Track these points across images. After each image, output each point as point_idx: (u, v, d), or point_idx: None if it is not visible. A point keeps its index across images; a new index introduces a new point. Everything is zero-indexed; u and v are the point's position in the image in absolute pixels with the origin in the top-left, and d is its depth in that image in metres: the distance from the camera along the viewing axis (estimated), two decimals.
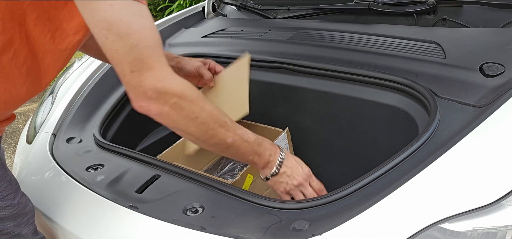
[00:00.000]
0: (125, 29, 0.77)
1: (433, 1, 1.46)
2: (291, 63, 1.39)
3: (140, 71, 0.80)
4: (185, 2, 5.54)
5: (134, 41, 0.78)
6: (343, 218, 0.80)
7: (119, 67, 0.80)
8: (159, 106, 0.82)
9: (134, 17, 0.79)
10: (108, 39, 0.78)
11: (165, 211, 0.93)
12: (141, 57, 0.79)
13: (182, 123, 0.87)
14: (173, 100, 0.83)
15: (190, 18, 2.00)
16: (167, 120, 0.86)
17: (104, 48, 0.79)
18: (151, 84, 0.81)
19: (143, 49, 0.79)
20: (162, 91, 0.82)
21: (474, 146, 0.86)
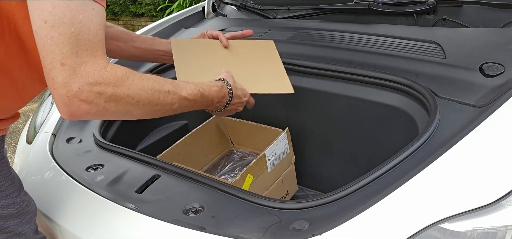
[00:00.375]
0: (70, 16, 0.73)
1: (433, 1, 1.46)
2: (291, 63, 1.39)
3: (72, 66, 0.73)
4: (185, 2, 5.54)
5: (76, 31, 0.73)
6: (343, 218, 0.80)
7: (48, 57, 0.73)
8: (90, 106, 0.77)
9: (84, 7, 0.74)
10: (47, 23, 0.72)
11: (165, 211, 0.93)
12: (77, 50, 0.74)
13: (124, 111, 0.82)
14: (109, 93, 0.78)
15: (190, 18, 2.00)
16: (105, 115, 0.81)
17: (37, 32, 0.74)
18: (80, 80, 0.74)
19: (83, 41, 0.74)
20: (94, 84, 0.76)
21: (474, 146, 0.86)
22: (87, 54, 0.75)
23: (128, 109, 0.82)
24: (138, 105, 0.83)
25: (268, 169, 1.31)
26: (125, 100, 0.81)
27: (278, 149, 1.35)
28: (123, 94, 0.80)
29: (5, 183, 0.92)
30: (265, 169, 1.30)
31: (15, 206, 0.93)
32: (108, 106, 0.79)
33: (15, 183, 0.95)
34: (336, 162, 1.43)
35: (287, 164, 1.43)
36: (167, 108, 0.89)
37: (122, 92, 0.80)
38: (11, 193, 0.93)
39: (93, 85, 0.75)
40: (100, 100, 0.77)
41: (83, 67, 0.74)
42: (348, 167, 1.41)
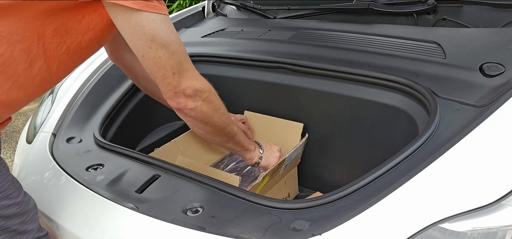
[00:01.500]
0: (166, 39, 0.93)
1: (433, 1, 1.46)
2: (291, 63, 1.39)
3: (180, 73, 0.97)
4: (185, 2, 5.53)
5: (174, 48, 0.95)
6: (343, 218, 0.80)
7: (161, 71, 0.96)
8: (194, 101, 1.02)
9: (170, 29, 0.95)
10: (152, 48, 0.93)
11: (165, 211, 0.93)
12: (179, 61, 0.97)
13: (210, 114, 1.07)
14: (205, 95, 1.04)
15: (190, 18, 2.00)
16: (199, 112, 1.04)
17: (145, 56, 0.94)
18: (188, 83, 0.99)
19: (180, 55, 0.97)
20: (197, 89, 1.01)
21: (474, 146, 0.86)
22: (186, 63, 1.00)
23: (212, 114, 1.07)
24: (218, 112, 1.09)
25: (280, 171, 1.31)
26: (213, 105, 1.07)
27: (294, 154, 1.35)
28: (212, 99, 1.07)
29: (5, 183, 0.93)
30: (278, 172, 1.30)
31: (16, 206, 0.94)
32: (203, 106, 1.04)
33: (14, 183, 0.96)
34: (336, 162, 1.43)
35: (293, 166, 1.43)
36: (231, 128, 1.16)
37: (212, 98, 1.07)
38: (12, 193, 0.94)
39: (196, 88, 1.01)
40: (198, 99, 1.03)
41: (187, 73, 1.00)
42: (348, 167, 1.41)
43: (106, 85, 1.52)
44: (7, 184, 0.94)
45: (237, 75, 1.52)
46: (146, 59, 0.95)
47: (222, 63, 1.55)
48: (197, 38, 1.75)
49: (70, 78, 1.62)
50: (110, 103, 1.45)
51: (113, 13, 0.92)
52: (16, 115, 3.80)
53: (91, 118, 1.40)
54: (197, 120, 1.07)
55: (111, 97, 1.48)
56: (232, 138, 1.18)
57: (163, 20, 0.93)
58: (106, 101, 1.47)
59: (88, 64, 1.64)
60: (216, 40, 1.68)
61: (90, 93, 1.48)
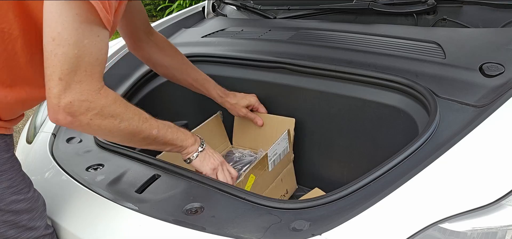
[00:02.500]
0: (76, 39, 0.80)
1: (433, 1, 1.46)
2: (291, 63, 1.39)
3: (68, 82, 0.82)
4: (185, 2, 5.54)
5: (78, 53, 0.81)
6: (343, 218, 0.80)
7: (49, 70, 0.82)
8: (74, 119, 0.85)
9: (90, 33, 0.82)
10: (54, 40, 0.80)
11: (165, 211, 0.93)
12: (75, 69, 0.82)
13: (108, 129, 0.91)
14: (95, 112, 0.87)
15: (190, 18, 2.00)
16: (87, 129, 0.89)
17: (45, 46, 0.81)
18: (72, 96, 0.83)
19: (83, 63, 0.82)
20: (82, 104, 0.84)
21: (474, 146, 0.86)
22: (85, 75, 0.84)
23: (111, 128, 0.91)
24: (120, 126, 0.92)
25: (269, 168, 1.31)
26: (109, 119, 0.90)
27: (279, 148, 1.35)
28: (108, 114, 0.89)
29: (18, 178, 0.94)
30: (266, 169, 1.30)
31: (26, 201, 0.95)
32: (92, 124, 0.88)
33: (25, 179, 0.97)
34: (336, 162, 1.43)
35: (287, 162, 1.43)
36: (147, 133, 0.99)
37: (107, 112, 0.89)
38: (23, 188, 0.95)
39: (82, 103, 0.84)
40: (85, 117, 0.86)
41: (78, 85, 0.83)
42: (348, 167, 1.41)
43: (106, 85, 1.52)
44: (19, 179, 0.95)
45: (237, 75, 1.52)
46: (44, 49, 0.82)
47: (222, 63, 1.55)
48: (197, 38, 1.75)
49: None
50: None
51: None
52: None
53: None
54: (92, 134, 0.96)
55: None
56: (153, 141, 1.02)
57: (86, 22, 0.81)
58: None
59: None
60: (216, 40, 1.68)
61: None
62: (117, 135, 0.94)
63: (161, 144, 1.05)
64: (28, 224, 0.95)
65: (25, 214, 0.95)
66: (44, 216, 1.00)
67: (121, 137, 0.96)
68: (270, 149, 1.29)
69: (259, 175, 1.28)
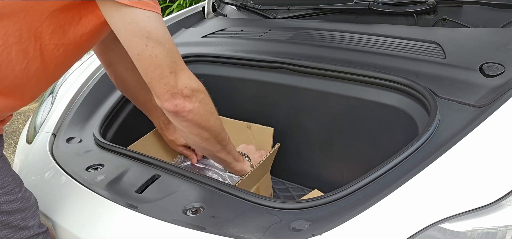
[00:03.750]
0: (162, 36, 0.91)
1: (433, 1, 1.46)
2: (291, 63, 1.39)
3: (176, 72, 0.94)
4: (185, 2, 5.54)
5: (169, 46, 0.92)
6: (343, 218, 0.80)
7: (158, 70, 0.92)
8: (191, 103, 0.98)
9: (164, 27, 0.93)
10: (148, 46, 0.90)
11: (165, 211, 0.93)
12: (175, 60, 0.94)
13: (206, 117, 1.03)
14: (202, 96, 1.00)
15: (190, 18, 2.00)
16: (196, 115, 1.00)
17: (141, 55, 0.91)
18: (185, 82, 0.96)
19: (175, 53, 0.94)
20: (194, 89, 0.98)
21: (474, 146, 0.86)
22: (181, 62, 0.96)
23: (208, 117, 1.04)
24: (214, 115, 1.06)
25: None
26: (209, 107, 1.04)
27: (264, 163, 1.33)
28: (208, 101, 1.03)
29: (7, 179, 0.94)
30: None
31: (18, 202, 0.94)
32: (200, 107, 1.00)
33: (16, 179, 0.97)
34: (336, 162, 1.43)
35: (264, 171, 1.40)
36: (224, 135, 1.13)
37: (207, 100, 1.03)
38: (13, 188, 0.94)
39: (193, 88, 0.98)
40: (196, 100, 0.99)
41: (183, 73, 0.96)
42: (348, 167, 1.41)
43: (106, 85, 1.52)
44: (9, 179, 0.94)
45: (237, 75, 1.52)
46: (141, 58, 0.91)
47: (222, 63, 1.55)
48: (197, 38, 1.75)
49: (70, 78, 1.62)
50: (110, 103, 1.45)
51: (107, 11, 0.90)
52: (16, 115, 3.80)
53: (91, 118, 1.40)
54: (194, 124, 1.02)
55: (111, 97, 1.48)
56: (225, 146, 1.15)
57: (158, 18, 0.91)
58: (106, 101, 1.47)
59: (88, 65, 1.64)
60: (216, 40, 1.68)
61: (90, 93, 1.48)
62: (209, 128, 1.05)
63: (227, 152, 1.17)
64: (20, 224, 0.95)
65: (17, 214, 0.94)
66: (37, 215, 1.00)
67: (211, 131, 1.06)
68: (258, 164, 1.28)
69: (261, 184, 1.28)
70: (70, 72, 1.68)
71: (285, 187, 1.57)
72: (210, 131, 1.06)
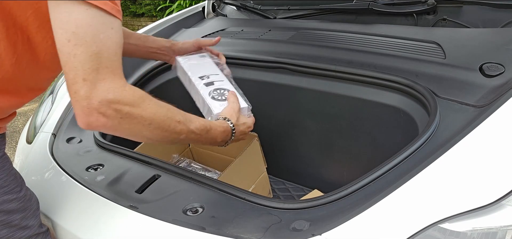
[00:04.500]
0: (92, 35, 0.77)
1: (433, 1, 1.46)
2: (291, 63, 1.39)
3: (93, 82, 0.78)
4: (185, 2, 5.54)
5: (97, 49, 0.78)
6: (343, 218, 0.80)
7: (71, 73, 0.78)
8: (107, 120, 0.81)
9: (104, 27, 0.79)
10: (70, 41, 0.77)
11: (165, 211, 0.93)
12: (97, 67, 0.78)
13: (136, 131, 0.86)
14: (125, 111, 0.82)
15: (190, 18, 2.00)
16: (118, 131, 0.85)
17: (61, 50, 0.78)
18: (100, 96, 0.79)
19: (103, 59, 0.79)
20: (112, 102, 0.80)
21: (474, 146, 0.86)
22: (107, 72, 0.79)
23: (140, 129, 0.86)
24: (149, 128, 0.87)
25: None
26: (138, 120, 0.85)
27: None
28: (137, 114, 0.84)
29: (8, 178, 0.94)
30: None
31: (18, 201, 0.94)
32: (123, 123, 0.83)
33: (17, 178, 0.97)
34: (336, 162, 1.43)
35: (259, 173, 1.40)
36: (174, 137, 0.93)
37: (137, 113, 0.84)
38: (14, 188, 0.94)
39: (112, 102, 0.80)
40: (116, 116, 0.81)
41: (103, 83, 0.79)
42: (348, 167, 1.41)
43: None
44: (10, 179, 0.94)
45: (237, 75, 1.51)
46: (61, 55, 0.79)
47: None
48: (197, 38, 1.75)
49: None
50: None
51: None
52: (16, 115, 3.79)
53: None
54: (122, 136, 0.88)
55: None
56: (182, 140, 0.98)
57: (98, 15, 0.77)
58: None
59: None
60: None
61: None
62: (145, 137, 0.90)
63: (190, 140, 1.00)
64: (20, 223, 0.95)
65: (17, 213, 0.94)
66: (37, 215, 1.00)
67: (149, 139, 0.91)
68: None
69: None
70: None
71: (285, 187, 1.57)
72: (149, 139, 0.91)
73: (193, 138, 0.98)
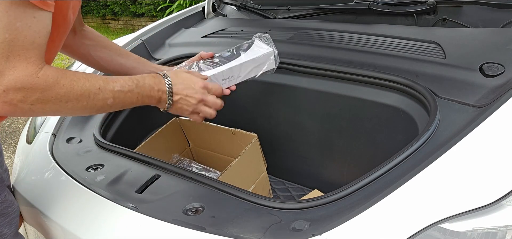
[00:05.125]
0: (6, 22, 0.75)
1: (433, 1, 1.46)
2: (291, 63, 1.39)
3: (0, 70, 0.76)
4: (185, 2, 5.54)
5: (10, 37, 0.76)
6: (343, 218, 0.80)
7: None
8: (14, 108, 0.79)
9: (24, 15, 0.77)
10: None
11: (165, 211, 0.93)
12: (8, 55, 0.76)
13: (53, 110, 0.85)
14: (34, 97, 0.80)
15: (190, 18, 2.00)
16: (32, 114, 0.84)
17: None
18: (6, 84, 0.77)
19: (16, 47, 0.77)
20: (20, 89, 0.78)
21: (474, 146, 0.86)
22: (19, 60, 0.77)
23: (57, 108, 0.85)
24: (67, 105, 0.85)
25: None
26: (53, 102, 0.83)
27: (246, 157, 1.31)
28: (50, 97, 0.83)
29: None
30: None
31: None
32: (34, 108, 0.82)
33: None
34: (336, 162, 1.43)
35: (258, 173, 1.40)
36: (100, 104, 0.91)
37: (49, 96, 0.82)
38: None
39: (19, 90, 0.78)
40: (24, 104, 0.80)
41: (12, 71, 0.77)
42: (348, 167, 1.41)
43: None
44: None
45: None
46: None
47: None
48: (197, 38, 1.75)
49: None
50: None
51: None
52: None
53: (91, 118, 1.40)
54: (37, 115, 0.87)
55: None
56: (109, 107, 0.94)
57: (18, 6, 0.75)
58: None
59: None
60: (216, 40, 1.68)
61: None
62: (66, 113, 0.89)
63: (120, 107, 0.97)
64: None
65: None
66: (14, 224, 0.97)
67: (71, 113, 0.90)
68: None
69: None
70: None
71: (285, 187, 1.57)
72: (69, 113, 0.90)
73: (124, 98, 0.94)
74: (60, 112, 0.87)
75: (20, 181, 1.19)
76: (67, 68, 1.00)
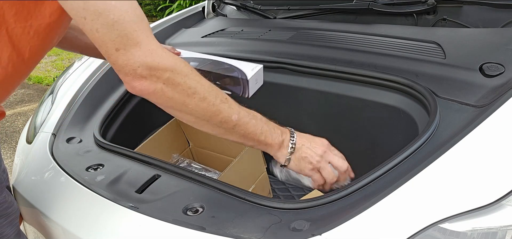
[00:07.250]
0: (103, 5, 0.73)
1: (433, 1, 1.46)
2: (291, 63, 1.39)
3: (126, 48, 0.76)
4: (185, 2, 5.54)
5: (115, 17, 0.74)
6: (343, 218, 0.80)
7: (103, 48, 0.76)
8: (152, 84, 0.78)
9: None
10: (87, 19, 0.74)
11: (165, 211, 0.93)
12: (125, 33, 0.75)
13: (180, 101, 0.82)
14: (166, 76, 0.79)
15: (190, 18, 2.00)
16: (162, 98, 0.81)
17: (85, 31, 0.76)
18: (139, 60, 0.76)
19: (126, 24, 0.75)
20: (153, 67, 0.77)
21: (474, 146, 0.86)
22: (139, 35, 0.76)
23: (184, 100, 0.82)
24: (194, 98, 0.82)
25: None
26: (182, 86, 0.81)
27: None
28: (179, 81, 0.80)
29: None
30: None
31: None
32: (165, 90, 0.80)
33: None
34: None
35: (258, 173, 1.39)
36: (225, 115, 0.85)
37: (179, 79, 0.80)
38: None
39: (149, 66, 0.77)
40: (157, 80, 0.79)
41: (137, 48, 0.76)
42: None
43: (106, 85, 1.52)
44: None
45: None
46: (87, 34, 0.77)
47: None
48: (197, 38, 1.75)
49: (70, 78, 1.62)
50: (110, 104, 1.45)
51: None
52: (16, 115, 3.80)
53: (91, 118, 1.40)
54: (168, 108, 0.84)
55: (111, 97, 1.48)
56: (232, 129, 0.88)
57: None
58: (106, 101, 1.47)
59: (88, 65, 1.65)
60: (216, 40, 1.68)
61: (90, 93, 1.48)
62: (189, 112, 0.84)
63: (241, 135, 0.89)
64: None
65: None
66: (15, 224, 0.96)
67: (194, 115, 0.84)
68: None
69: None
70: (70, 72, 1.68)
71: (285, 187, 1.57)
72: (193, 114, 0.85)
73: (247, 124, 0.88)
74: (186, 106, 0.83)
75: (20, 181, 1.19)
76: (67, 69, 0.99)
